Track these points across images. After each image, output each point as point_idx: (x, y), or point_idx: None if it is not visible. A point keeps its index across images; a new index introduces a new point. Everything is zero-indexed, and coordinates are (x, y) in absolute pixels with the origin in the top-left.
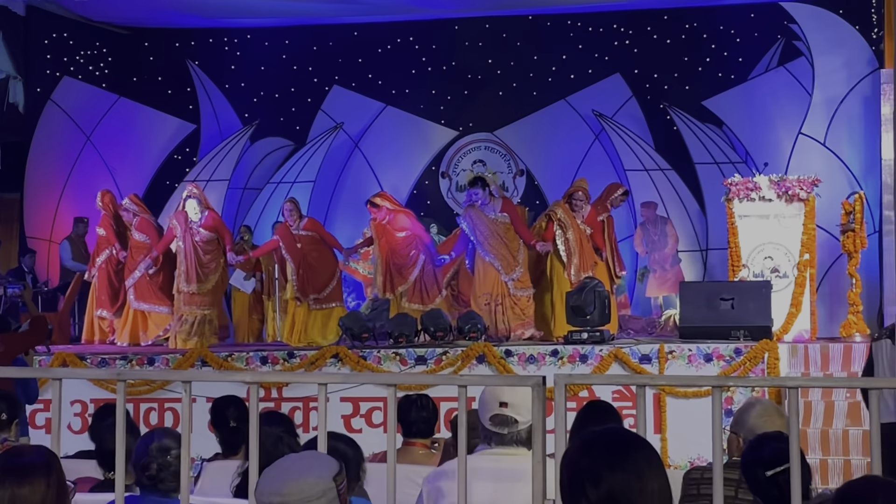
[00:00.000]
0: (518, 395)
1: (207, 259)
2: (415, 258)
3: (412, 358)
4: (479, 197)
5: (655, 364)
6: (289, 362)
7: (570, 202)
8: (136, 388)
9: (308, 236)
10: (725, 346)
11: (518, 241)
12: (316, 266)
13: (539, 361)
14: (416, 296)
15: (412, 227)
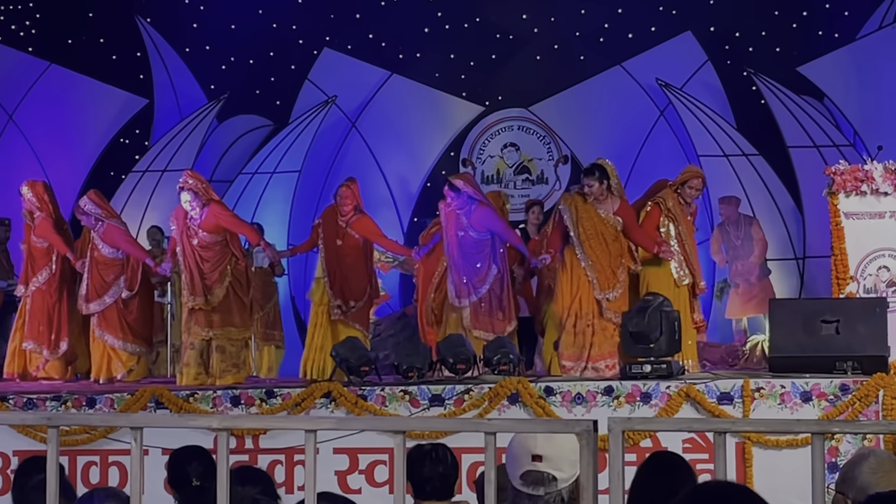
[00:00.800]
0: (556, 445)
1: (208, 267)
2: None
3: (426, 397)
4: (593, 190)
5: (738, 405)
6: (267, 403)
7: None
8: (73, 436)
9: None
10: (828, 383)
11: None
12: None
13: (588, 402)
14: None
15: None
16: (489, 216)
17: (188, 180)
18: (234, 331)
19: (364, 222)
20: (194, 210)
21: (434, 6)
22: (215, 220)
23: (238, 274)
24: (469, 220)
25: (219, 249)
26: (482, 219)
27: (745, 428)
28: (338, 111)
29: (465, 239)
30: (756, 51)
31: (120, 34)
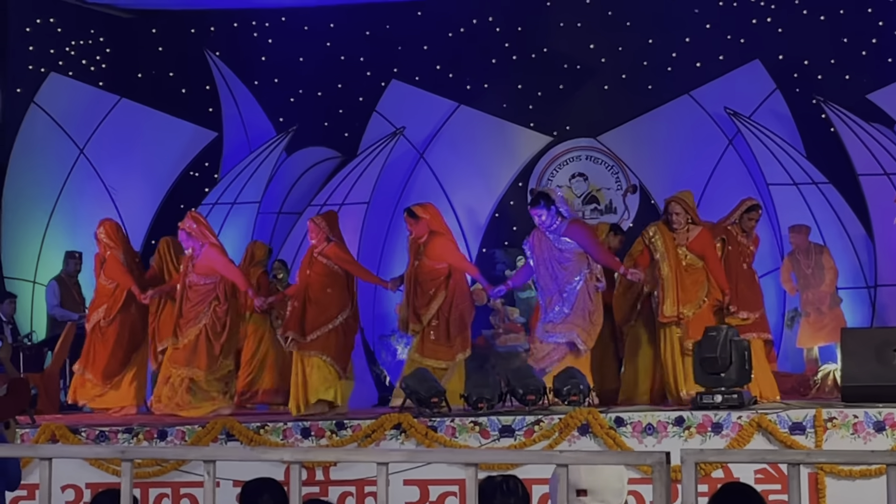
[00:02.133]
0: (599, 477)
1: (187, 307)
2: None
3: (496, 428)
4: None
5: (811, 435)
6: (338, 435)
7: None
8: (144, 468)
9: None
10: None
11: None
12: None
13: (659, 432)
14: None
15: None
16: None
17: (185, 221)
18: (198, 371)
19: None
20: (188, 250)
21: (501, 37)
22: (208, 263)
23: (216, 317)
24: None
25: (203, 291)
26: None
27: (820, 459)
28: (406, 142)
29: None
30: (825, 78)
31: (189, 68)
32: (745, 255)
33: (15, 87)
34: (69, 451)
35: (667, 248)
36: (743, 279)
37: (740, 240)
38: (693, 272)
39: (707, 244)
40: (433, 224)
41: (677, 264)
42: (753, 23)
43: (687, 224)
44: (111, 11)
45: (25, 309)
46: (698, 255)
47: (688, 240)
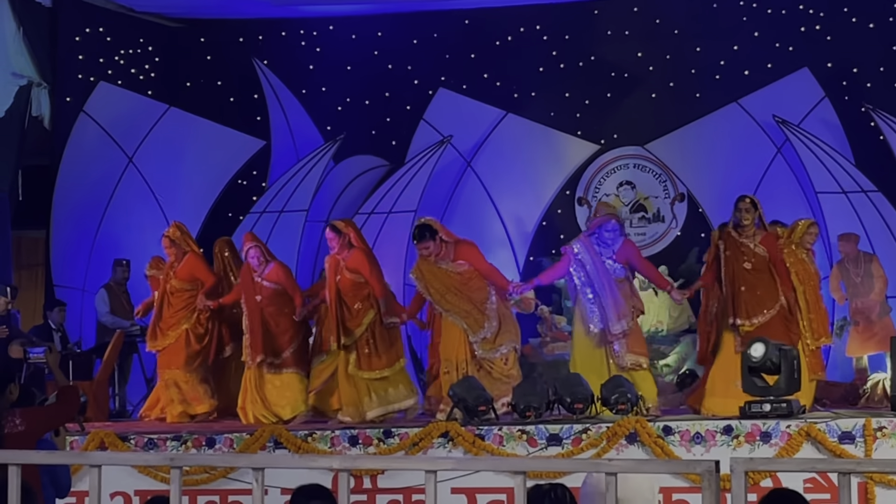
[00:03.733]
0: (631, 486)
1: (169, 312)
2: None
3: (543, 437)
4: (429, 251)
5: (860, 444)
6: (385, 443)
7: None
8: (192, 475)
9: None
10: None
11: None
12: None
13: (707, 441)
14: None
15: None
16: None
17: (168, 229)
18: (178, 373)
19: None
20: (169, 257)
21: (549, 45)
22: (189, 270)
23: (199, 322)
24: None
25: (185, 297)
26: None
27: (869, 468)
28: (453, 151)
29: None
30: (874, 86)
31: (237, 77)
32: (749, 256)
33: (65, 97)
34: (118, 459)
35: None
36: (745, 284)
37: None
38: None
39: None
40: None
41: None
42: (802, 31)
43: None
44: (160, 21)
45: (75, 317)
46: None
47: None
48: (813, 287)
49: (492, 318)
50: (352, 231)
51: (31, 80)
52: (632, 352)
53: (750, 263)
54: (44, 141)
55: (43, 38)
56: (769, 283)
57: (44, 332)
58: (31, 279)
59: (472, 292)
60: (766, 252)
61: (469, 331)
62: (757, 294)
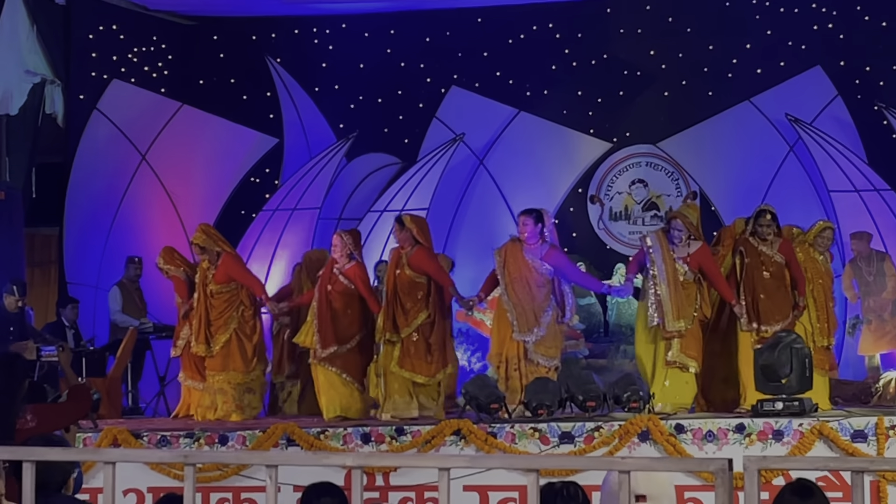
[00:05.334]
0: (657, 483)
1: (214, 315)
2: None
3: (555, 435)
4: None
5: (872, 443)
6: (397, 441)
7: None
8: (206, 473)
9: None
10: None
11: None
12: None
13: (720, 439)
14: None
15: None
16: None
17: (194, 235)
18: (234, 374)
19: (354, 270)
20: (204, 261)
21: (561, 43)
22: (226, 271)
23: (243, 321)
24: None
25: (226, 298)
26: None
27: (882, 467)
28: (466, 149)
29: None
30: (887, 85)
31: (250, 75)
32: (769, 265)
33: (78, 94)
34: (132, 455)
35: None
36: (765, 292)
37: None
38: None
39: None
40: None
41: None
42: (815, 29)
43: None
44: (173, 18)
45: (88, 314)
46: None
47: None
48: (822, 286)
49: (542, 328)
50: (415, 227)
51: (45, 77)
52: (683, 352)
53: (769, 272)
54: (57, 138)
55: (57, 36)
56: (786, 290)
57: (57, 329)
58: (45, 276)
59: (538, 296)
60: (783, 259)
61: (516, 326)
62: (775, 301)
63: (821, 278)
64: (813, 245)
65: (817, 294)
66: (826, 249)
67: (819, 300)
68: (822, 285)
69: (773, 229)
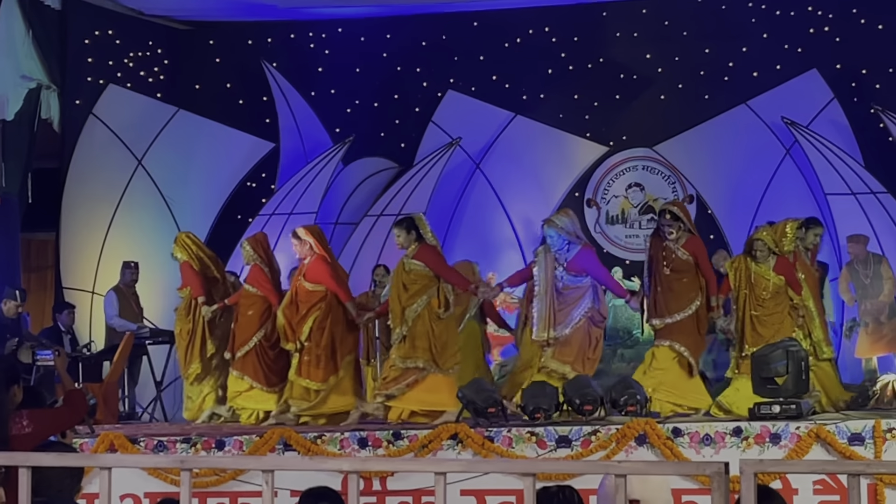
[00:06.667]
0: (651, 487)
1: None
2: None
3: (552, 439)
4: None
5: (870, 446)
6: (394, 445)
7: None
8: (202, 478)
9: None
10: None
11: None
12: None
13: (717, 442)
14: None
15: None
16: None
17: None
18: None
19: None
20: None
21: (557, 47)
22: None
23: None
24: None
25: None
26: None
27: (880, 470)
28: (462, 153)
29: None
30: (883, 87)
31: (246, 79)
32: (669, 260)
33: (74, 99)
34: (128, 461)
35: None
36: (662, 285)
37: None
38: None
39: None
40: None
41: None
42: (811, 32)
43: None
44: (169, 23)
45: (84, 319)
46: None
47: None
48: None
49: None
50: (313, 238)
51: (41, 82)
52: (556, 358)
53: (669, 268)
54: (53, 143)
55: (52, 41)
56: (687, 286)
57: (53, 334)
58: (41, 282)
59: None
60: (689, 257)
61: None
62: (673, 296)
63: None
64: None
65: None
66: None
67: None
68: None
69: (677, 227)
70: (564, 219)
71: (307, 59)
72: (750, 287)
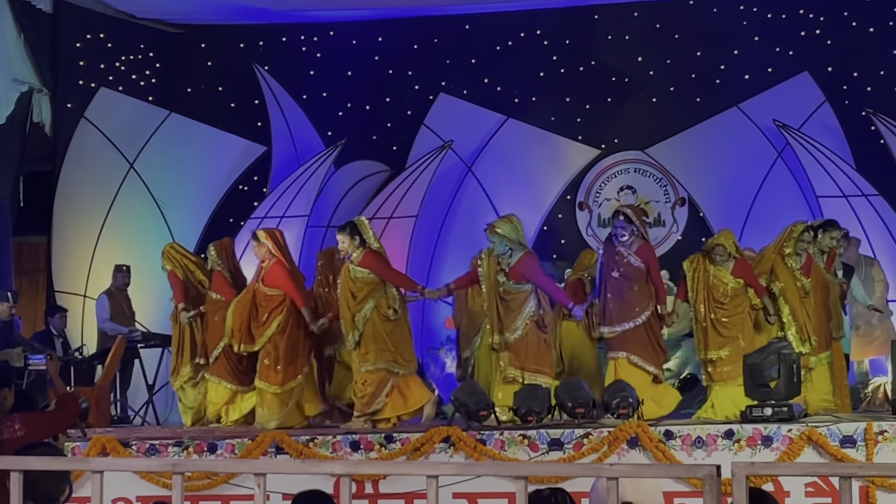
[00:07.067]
0: (644, 490)
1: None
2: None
3: (545, 442)
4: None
5: (861, 448)
6: (387, 448)
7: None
8: (195, 481)
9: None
10: None
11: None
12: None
13: (709, 445)
14: None
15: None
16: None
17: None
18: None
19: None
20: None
21: (549, 50)
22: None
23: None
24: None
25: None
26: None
27: (872, 472)
28: (454, 155)
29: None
30: (875, 90)
31: (238, 82)
32: (620, 265)
33: (65, 103)
34: (120, 465)
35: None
36: (612, 291)
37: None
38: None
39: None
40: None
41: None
42: (802, 35)
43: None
44: (160, 27)
45: (76, 322)
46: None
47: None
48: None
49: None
50: (271, 242)
51: (32, 86)
52: (511, 364)
53: (619, 273)
54: (45, 147)
55: (44, 45)
56: (637, 292)
57: (45, 338)
58: (33, 285)
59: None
60: (641, 263)
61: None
62: (623, 302)
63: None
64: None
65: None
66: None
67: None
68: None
69: (630, 231)
70: (506, 225)
71: (299, 62)
72: (708, 290)
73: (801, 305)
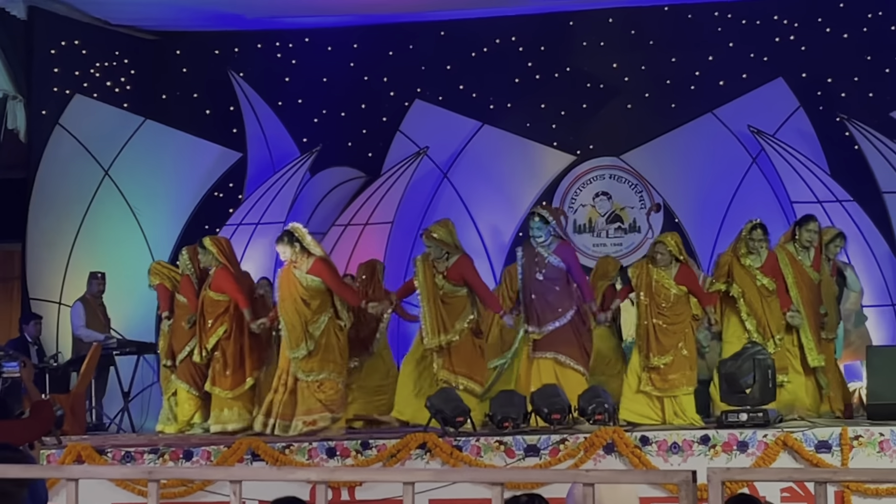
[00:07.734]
0: (617, 496)
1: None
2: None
3: (521, 448)
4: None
5: (836, 453)
6: (363, 454)
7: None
8: (170, 488)
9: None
10: None
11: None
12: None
13: (685, 451)
14: None
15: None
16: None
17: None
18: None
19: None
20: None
21: (524, 56)
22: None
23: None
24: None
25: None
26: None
27: (847, 477)
28: (429, 162)
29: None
30: (849, 96)
31: (213, 89)
32: (541, 266)
33: (40, 109)
34: (96, 472)
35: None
36: (535, 292)
37: None
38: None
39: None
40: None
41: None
42: (777, 41)
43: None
44: (135, 33)
45: (51, 330)
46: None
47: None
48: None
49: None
50: (216, 248)
51: (6, 92)
52: (444, 368)
53: (542, 274)
54: (19, 154)
55: (18, 51)
56: (559, 294)
57: (20, 345)
58: (7, 292)
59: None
60: (561, 263)
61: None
62: (547, 303)
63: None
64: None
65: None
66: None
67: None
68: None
69: (546, 232)
70: (442, 230)
71: (274, 68)
72: (651, 295)
73: (764, 304)
